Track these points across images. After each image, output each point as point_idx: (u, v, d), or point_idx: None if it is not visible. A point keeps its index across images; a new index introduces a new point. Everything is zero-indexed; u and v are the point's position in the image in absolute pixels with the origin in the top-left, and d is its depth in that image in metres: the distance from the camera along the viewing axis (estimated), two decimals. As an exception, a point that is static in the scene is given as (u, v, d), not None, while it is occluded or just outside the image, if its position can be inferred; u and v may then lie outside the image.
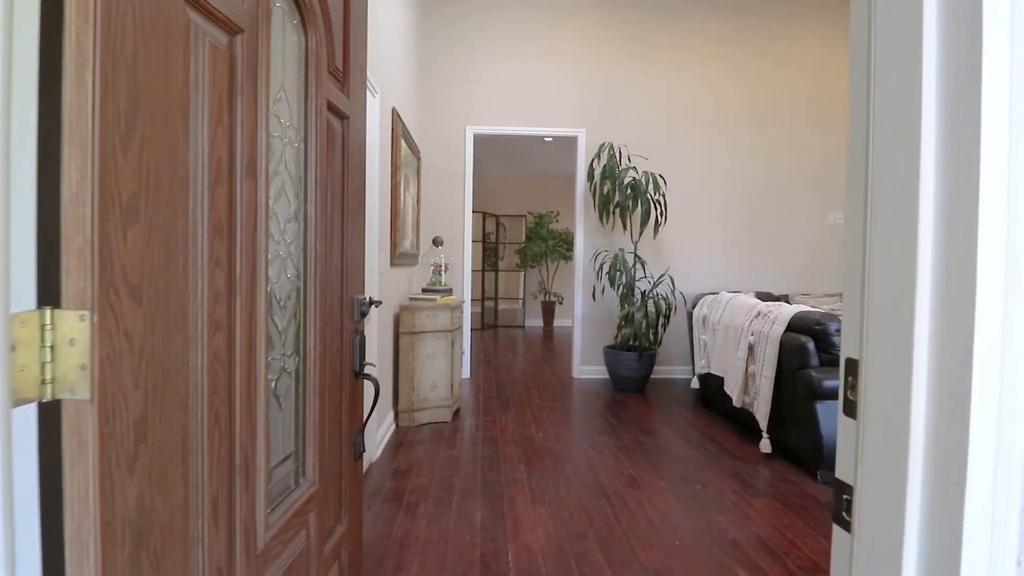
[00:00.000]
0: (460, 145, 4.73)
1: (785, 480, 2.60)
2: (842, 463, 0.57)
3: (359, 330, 1.39)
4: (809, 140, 4.98)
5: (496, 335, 7.70)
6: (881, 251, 0.50)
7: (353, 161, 1.31)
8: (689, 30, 4.83)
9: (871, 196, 0.52)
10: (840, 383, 0.57)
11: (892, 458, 0.49)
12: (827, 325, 2.60)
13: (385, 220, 3.10)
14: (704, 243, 4.92)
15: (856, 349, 0.53)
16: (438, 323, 3.37)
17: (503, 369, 5.19)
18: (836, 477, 0.58)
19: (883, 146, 0.51)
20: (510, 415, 3.62)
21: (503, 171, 8.70)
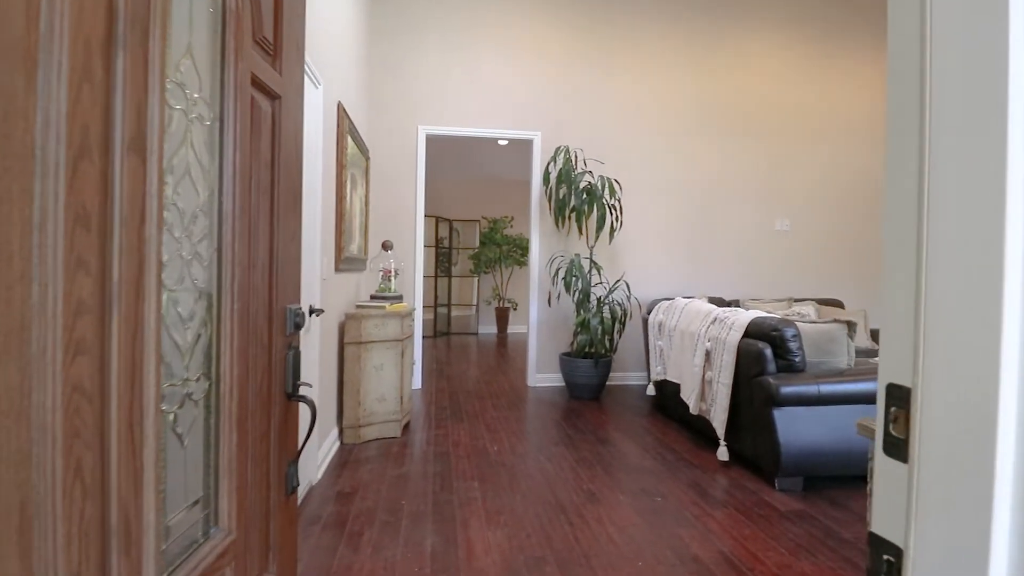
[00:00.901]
0: (412, 145, 4.54)
1: (743, 489, 2.57)
2: (883, 516, 0.47)
3: (293, 345, 1.21)
4: (756, 147, 5.11)
5: (449, 343, 7.50)
6: (947, 255, 0.40)
7: (286, 149, 1.14)
8: (644, 37, 4.87)
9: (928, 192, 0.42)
10: (879, 415, 0.47)
11: (965, 516, 0.38)
12: (784, 331, 2.60)
13: (329, 222, 2.88)
14: (658, 249, 4.95)
15: (907, 373, 0.43)
16: (387, 332, 3.17)
17: (456, 378, 5.01)
18: (874, 532, 0.48)
19: (947, 132, 0.41)
20: (463, 427, 3.46)
21: (457, 175, 8.54)
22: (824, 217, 5.26)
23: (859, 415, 2.56)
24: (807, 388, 2.50)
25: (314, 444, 2.54)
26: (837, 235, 5.29)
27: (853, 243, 5.33)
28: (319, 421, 2.67)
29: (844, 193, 5.29)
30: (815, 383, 2.51)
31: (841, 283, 5.34)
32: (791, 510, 2.35)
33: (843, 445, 2.53)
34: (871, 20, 5.28)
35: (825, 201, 5.26)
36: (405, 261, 4.53)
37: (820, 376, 2.55)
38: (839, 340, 2.72)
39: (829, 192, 5.27)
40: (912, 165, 0.43)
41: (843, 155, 5.28)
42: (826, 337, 2.73)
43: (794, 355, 2.59)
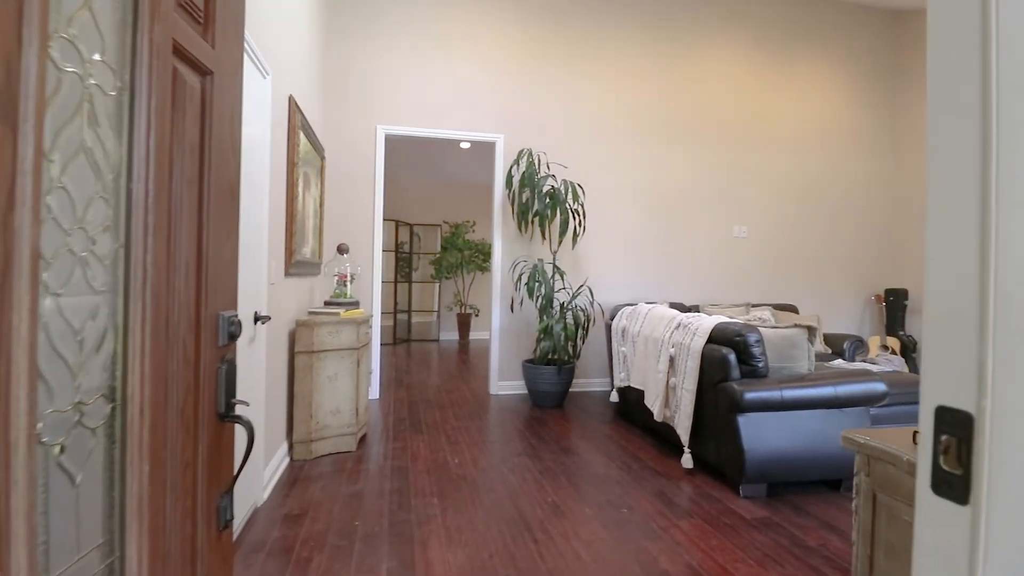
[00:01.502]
0: (370, 145, 4.37)
1: (709, 497, 2.54)
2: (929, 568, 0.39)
3: (227, 358, 1.06)
4: (715, 155, 5.20)
5: (409, 350, 7.30)
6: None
7: (220, 134, 1.00)
8: (607, 43, 4.88)
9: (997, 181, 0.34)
10: (923, 445, 0.39)
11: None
12: (747, 336, 2.60)
13: (279, 222, 2.70)
14: (620, 254, 4.95)
15: (967, 395, 0.35)
16: (341, 340, 3.00)
17: (416, 387, 4.84)
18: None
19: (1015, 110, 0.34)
20: (423, 439, 3.31)
21: (418, 179, 8.37)
22: (779, 224, 5.40)
23: (820, 420, 2.58)
24: (770, 393, 2.50)
25: (260, 462, 2.35)
26: (791, 242, 5.45)
27: (805, 249, 5.50)
28: (266, 437, 2.47)
29: (798, 201, 5.45)
30: (778, 388, 2.52)
31: (795, 288, 5.49)
32: (756, 518, 2.33)
33: (805, 450, 2.54)
34: (825, 33, 5.48)
35: (780, 209, 5.40)
36: (362, 265, 4.35)
37: (782, 381, 2.56)
38: (800, 345, 2.74)
39: (784, 200, 5.41)
40: (971, 154, 0.36)
41: (798, 163, 5.44)
42: (787, 342, 2.74)
43: (757, 360, 2.59)
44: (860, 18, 5.58)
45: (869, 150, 5.66)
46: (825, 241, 5.56)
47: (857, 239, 5.65)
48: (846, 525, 2.26)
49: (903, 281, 5.66)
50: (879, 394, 2.60)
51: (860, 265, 5.67)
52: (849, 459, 2.59)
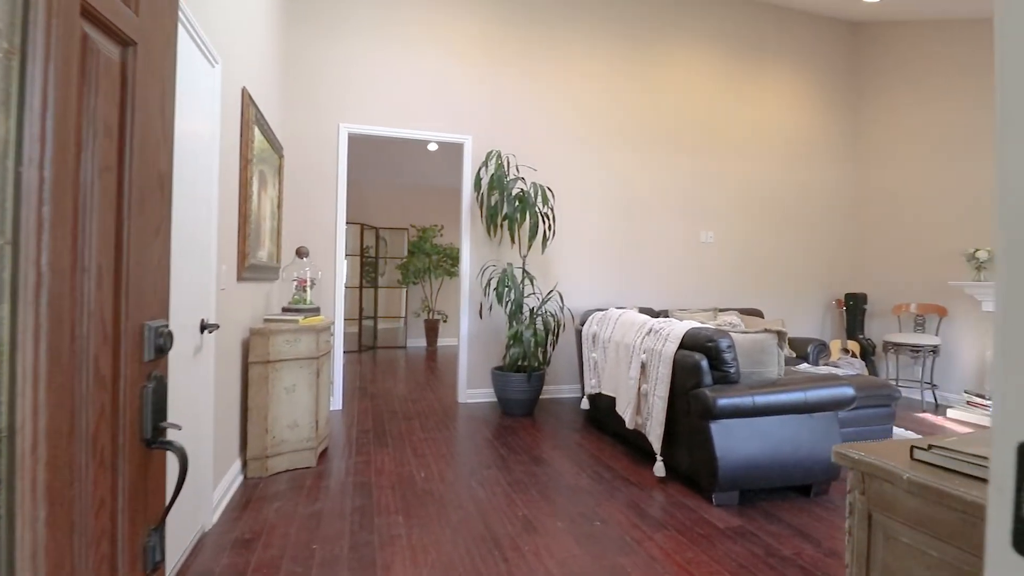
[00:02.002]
0: (332, 144, 4.21)
1: (682, 507, 2.49)
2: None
3: (155, 375, 0.93)
4: (684, 161, 5.24)
5: (375, 357, 7.09)
6: None
7: (145, 116, 0.87)
8: (576, 47, 4.85)
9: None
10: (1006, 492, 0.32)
11: None
12: (719, 342, 2.57)
13: (231, 224, 2.53)
14: (590, 259, 4.91)
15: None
16: (300, 349, 2.83)
17: (381, 397, 4.67)
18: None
19: None
20: (388, 452, 3.16)
21: (384, 181, 8.18)
22: (744, 230, 5.49)
23: (790, 425, 2.57)
24: (742, 400, 2.47)
25: (208, 482, 2.17)
26: (755, 247, 5.53)
27: (769, 255, 5.60)
28: (216, 455, 2.29)
29: (762, 207, 5.55)
30: (750, 394, 2.50)
31: (759, 293, 5.57)
32: (730, 527, 2.30)
33: (776, 456, 2.53)
34: (788, 43, 5.61)
35: (745, 214, 5.49)
36: (324, 270, 4.17)
37: (754, 387, 2.54)
38: (770, 350, 2.74)
39: (749, 205, 5.50)
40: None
41: (762, 170, 5.54)
42: (758, 347, 2.74)
43: (729, 366, 2.57)
44: (821, 29, 5.74)
45: (830, 158, 5.82)
46: (788, 246, 5.67)
47: (818, 245, 5.80)
48: (819, 533, 2.25)
49: (862, 286, 5.83)
50: (848, 398, 2.61)
51: (821, 270, 5.82)
52: (819, 465, 2.59)
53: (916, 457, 0.82)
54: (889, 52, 5.54)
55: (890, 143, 5.53)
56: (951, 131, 4.95)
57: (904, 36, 5.38)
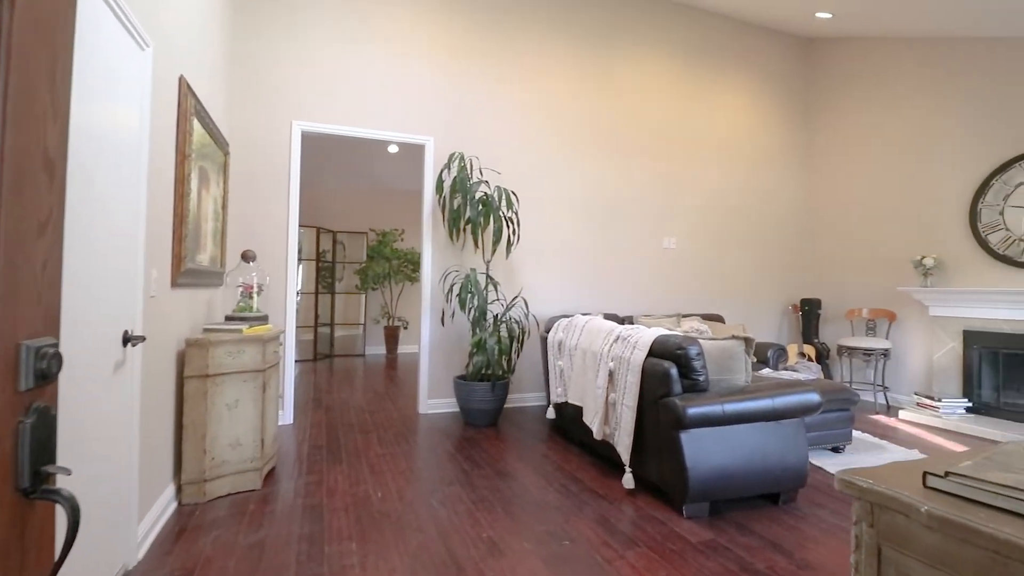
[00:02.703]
0: (284, 143, 3.97)
1: (652, 520, 2.40)
2: None
3: (35, 406, 0.74)
4: (647, 167, 5.23)
5: (331, 366, 6.79)
6: None
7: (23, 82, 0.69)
8: (543, 49, 4.77)
9: None
10: None
11: None
12: (688, 349, 2.50)
13: (163, 223, 2.29)
14: (555, 264, 4.82)
15: None
16: (244, 361, 2.60)
17: (337, 408, 4.43)
18: None
19: None
20: (341, 470, 2.95)
21: (342, 183, 7.89)
22: (705, 236, 5.52)
23: (758, 433, 2.52)
24: (712, 408, 2.41)
25: (131, 514, 1.93)
26: (716, 253, 5.58)
27: (729, 261, 5.66)
28: (142, 483, 2.05)
29: (722, 214, 5.61)
30: (719, 403, 2.44)
31: (720, 299, 5.62)
32: (702, 541, 2.21)
33: (745, 465, 2.47)
34: (746, 55, 5.71)
35: (705, 221, 5.53)
36: (275, 275, 3.91)
37: (723, 395, 2.48)
38: (738, 357, 2.69)
39: (710, 212, 5.55)
40: None
41: (722, 178, 5.60)
42: (726, 354, 2.69)
43: (698, 374, 2.50)
44: (777, 43, 5.87)
45: (785, 167, 5.95)
46: (747, 253, 5.75)
47: (776, 251, 5.90)
48: (791, 544, 2.20)
49: (817, 291, 5.97)
50: (814, 404, 2.59)
51: (778, 276, 5.92)
52: (788, 472, 2.55)
53: (930, 485, 0.73)
54: (840, 67, 5.71)
55: (841, 154, 5.70)
56: (897, 143, 5.13)
57: (854, 52, 5.56)
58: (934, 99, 4.84)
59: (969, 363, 4.47)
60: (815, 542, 2.20)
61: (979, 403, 4.39)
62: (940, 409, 4.37)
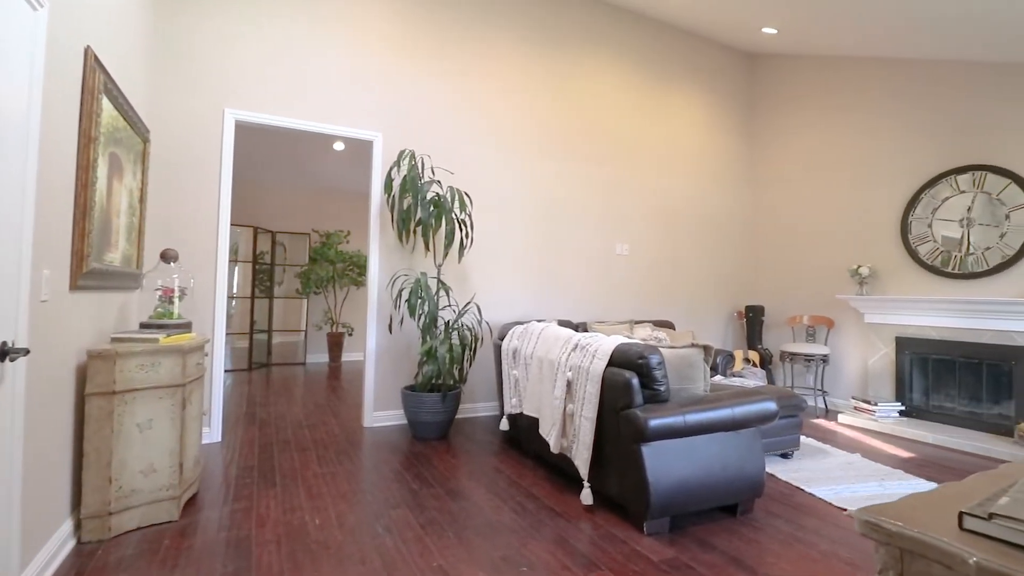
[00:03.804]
0: (215, 132, 3.62)
1: (613, 539, 2.28)
2: None
3: None
4: (601, 173, 5.20)
5: (269, 376, 6.34)
6: None
7: None
8: (498, 46, 4.64)
9: None
10: None
11: None
12: (650, 358, 2.42)
13: (60, 217, 1.97)
14: (508, 269, 4.68)
15: None
16: (160, 375, 2.29)
17: (273, 423, 4.08)
18: None
19: None
20: (275, 495, 2.67)
21: (283, 181, 7.44)
22: (656, 243, 5.56)
23: (716, 444, 2.46)
24: (674, 419, 2.33)
25: (12, 557, 1.61)
26: (666, 260, 5.63)
27: (678, 268, 5.72)
28: (25, 521, 1.72)
29: (673, 221, 5.67)
30: (681, 413, 2.36)
31: (670, 305, 5.67)
32: (664, 559, 2.12)
33: (705, 477, 2.41)
34: (695, 67, 5.81)
35: (657, 228, 5.57)
36: (202, 277, 3.55)
37: (684, 405, 2.41)
38: (697, 365, 2.64)
39: (661, 220, 5.59)
40: None
41: (672, 186, 5.66)
42: (685, 362, 2.63)
43: (659, 384, 2.42)
44: (723, 57, 6.02)
45: (731, 179, 6.10)
46: (696, 260, 5.84)
47: (722, 260, 6.03)
48: (752, 559, 2.14)
49: (760, 298, 6.13)
50: (772, 413, 2.57)
51: (724, 284, 6.05)
52: (746, 483, 2.51)
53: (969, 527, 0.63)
54: (782, 83, 5.92)
55: (782, 167, 5.90)
56: (835, 158, 5.35)
57: (796, 69, 5.77)
58: (870, 117, 5.08)
59: (901, 368, 4.68)
60: (776, 556, 2.16)
61: (911, 406, 4.60)
62: (876, 413, 4.54)
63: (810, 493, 2.90)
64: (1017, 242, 4.03)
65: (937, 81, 4.57)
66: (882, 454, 3.71)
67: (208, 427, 3.54)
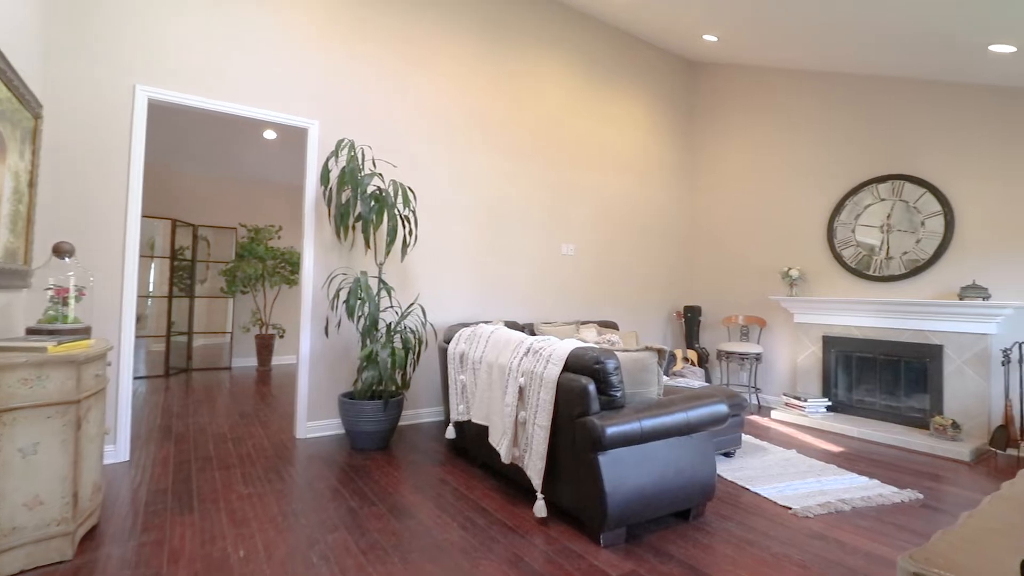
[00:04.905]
0: (124, 111, 3.20)
1: (569, 554, 2.18)
2: None
3: None
4: (548, 173, 5.13)
5: (189, 382, 5.80)
6: None
7: None
8: (445, 36, 4.44)
9: None
10: None
11: None
12: (606, 363, 2.34)
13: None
14: (454, 269, 4.51)
15: None
16: (47, 390, 1.95)
17: (192, 437, 3.69)
18: None
19: None
20: (192, 522, 2.37)
21: (207, 170, 6.85)
22: (600, 244, 5.57)
23: (670, 449, 2.43)
24: (631, 426, 2.26)
25: None
26: (610, 261, 5.65)
27: (621, 269, 5.77)
28: None
29: (615, 222, 5.70)
30: (637, 419, 2.30)
31: (613, 306, 5.70)
32: (623, 574, 2.04)
33: (660, 484, 2.36)
34: (638, 70, 5.87)
35: (602, 229, 5.58)
36: (106, 275, 3.13)
37: (640, 411, 2.35)
38: (651, 369, 2.60)
39: (605, 220, 5.60)
40: None
41: (617, 187, 5.69)
42: (640, 366, 2.58)
43: (616, 389, 2.35)
44: (664, 62, 6.13)
45: (670, 182, 6.23)
46: (637, 261, 5.91)
47: (662, 261, 6.14)
48: (710, 566, 2.10)
49: (698, 299, 6.31)
50: (724, 415, 2.57)
51: (664, 284, 6.17)
52: (699, 487, 2.49)
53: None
54: (721, 90, 6.11)
55: (720, 172, 6.09)
56: (769, 165, 5.58)
57: (733, 77, 5.97)
58: (801, 126, 5.32)
59: (828, 365, 4.93)
60: (733, 562, 2.14)
61: (836, 402, 4.86)
62: (806, 409, 4.76)
63: (755, 492, 2.94)
64: (931, 247, 4.34)
65: (862, 94, 4.85)
66: (815, 449, 3.86)
67: (113, 445, 3.13)
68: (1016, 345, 3.83)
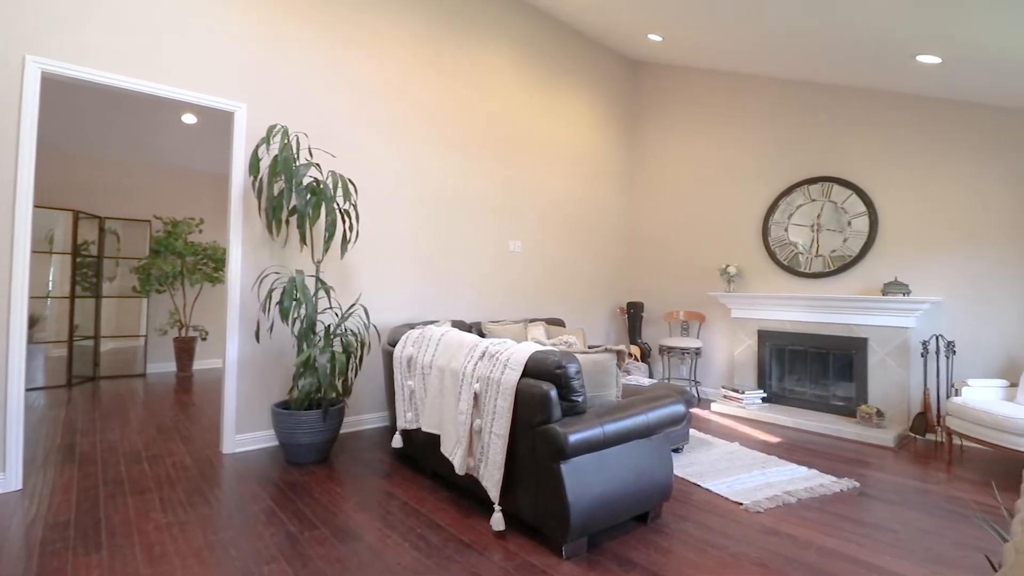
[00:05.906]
0: (11, 85, 2.75)
1: (531, 569, 2.07)
2: None
3: None
4: (494, 168, 5.00)
5: (96, 392, 5.20)
6: None
7: None
8: (386, 25, 4.18)
9: None
10: None
11: None
12: (568, 368, 2.24)
13: None
14: (398, 267, 4.28)
15: None
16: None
17: (99, 457, 3.27)
18: None
19: None
20: (100, 561, 2.05)
21: (116, 157, 6.16)
22: (547, 240, 5.51)
23: (630, 453, 2.37)
24: (593, 432, 2.19)
25: None
26: (556, 258, 5.62)
27: (566, 266, 5.75)
28: None
29: (563, 219, 5.66)
30: (599, 425, 2.22)
31: (559, 303, 5.67)
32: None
33: (622, 489, 2.30)
34: (583, 69, 5.84)
35: (548, 225, 5.52)
36: (-12, 276, 2.68)
37: (602, 416, 2.28)
38: (610, 371, 2.54)
39: (551, 217, 5.55)
40: None
41: (562, 184, 5.65)
42: (599, 368, 2.51)
43: (578, 395, 2.26)
44: (609, 62, 6.15)
45: (614, 180, 6.28)
46: (582, 259, 5.92)
47: (606, 258, 6.19)
48: (672, 571, 2.07)
49: (640, 296, 6.41)
50: (681, 415, 2.56)
51: (608, 281, 6.22)
52: (657, 489, 2.46)
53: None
54: (663, 90, 6.22)
55: (661, 171, 6.20)
56: (708, 165, 5.73)
57: (675, 77, 6.08)
58: (739, 127, 5.49)
59: (762, 359, 5.14)
60: (695, 566, 2.11)
61: (771, 393, 5.08)
62: (743, 400, 4.93)
63: (707, 489, 2.97)
64: (857, 246, 4.60)
65: (798, 99, 5.06)
66: (755, 440, 3.99)
67: (1, 472, 2.69)
68: (934, 337, 4.13)
